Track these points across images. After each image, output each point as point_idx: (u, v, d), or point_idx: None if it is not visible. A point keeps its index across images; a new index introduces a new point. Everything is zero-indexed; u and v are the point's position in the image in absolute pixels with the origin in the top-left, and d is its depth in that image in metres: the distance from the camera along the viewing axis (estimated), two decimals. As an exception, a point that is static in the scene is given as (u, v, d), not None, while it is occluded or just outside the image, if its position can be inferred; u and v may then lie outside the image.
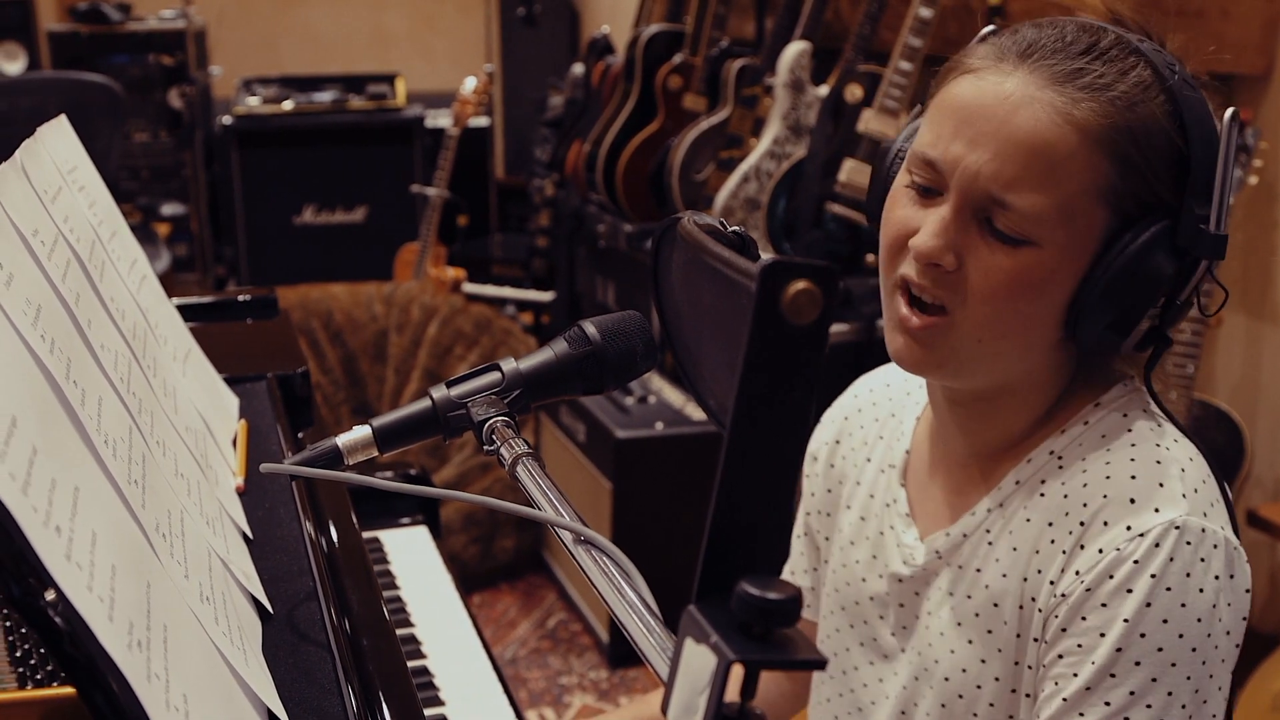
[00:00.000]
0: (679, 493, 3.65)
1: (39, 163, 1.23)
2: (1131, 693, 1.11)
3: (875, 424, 1.44)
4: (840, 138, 3.64)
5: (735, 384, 0.67)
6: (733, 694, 0.66)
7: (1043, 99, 1.12)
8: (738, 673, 0.65)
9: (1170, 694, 1.11)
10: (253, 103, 6.10)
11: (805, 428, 0.68)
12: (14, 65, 6.13)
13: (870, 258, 3.66)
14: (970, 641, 1.25)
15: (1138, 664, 1.11)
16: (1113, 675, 1.12)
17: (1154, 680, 1.11)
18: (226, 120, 6.02)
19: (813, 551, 1.53)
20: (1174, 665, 1.11)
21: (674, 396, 3.90)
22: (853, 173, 3.57)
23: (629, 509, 3.63)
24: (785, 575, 1.56)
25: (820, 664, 0.65)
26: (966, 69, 1.17)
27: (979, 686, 1.25)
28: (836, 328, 3.49)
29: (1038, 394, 1.24)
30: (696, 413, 3.77)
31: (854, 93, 3.64)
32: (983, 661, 1.24)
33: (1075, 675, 1.13)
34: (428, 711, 1.58)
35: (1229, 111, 1.12)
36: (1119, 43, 1.16)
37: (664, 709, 0.69)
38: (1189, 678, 1.11)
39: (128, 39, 6.29)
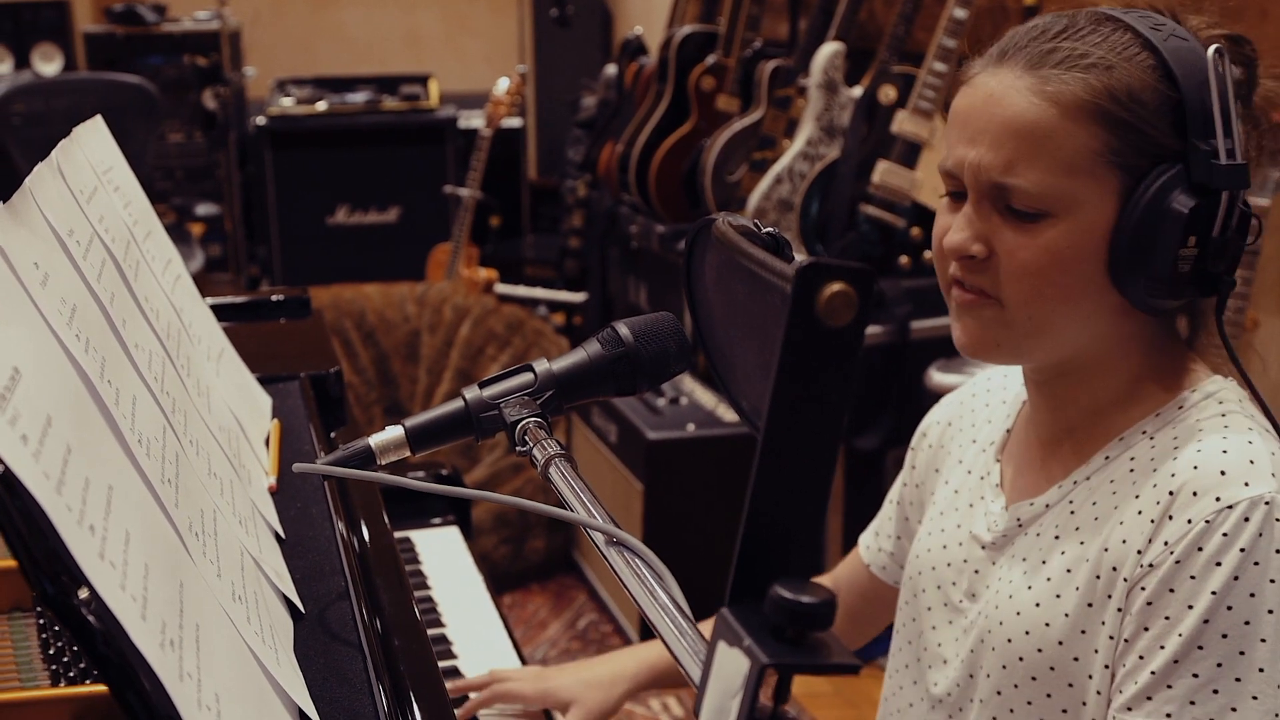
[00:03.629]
0: (710, 494, 3.65)
1: (74, 163, 1.23)
2: (1219, 664, 1.12)
3: (986, 409, 1.48)
4: (874, 139, 3.63)
5: (770, 386, 0.66)
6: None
7: (1020, 85, 1.20)
8: (771, 676, 0.65)
9: (1262, 669, 1.11)
10: (286, 103, 6.12)
11: (839, 429, 0.68)
12: (51, 66, 6.18)
13: (904, 259, 3.64)
14: (1038, 605, 1.26)
15: (1225, 636, 1.12)
16: (1200, 648, 1.12)
17: (1241, 653, 1.11)
18: (260, 121, 6.04)
19: (900, 521, 1.57)
20: (1264, 640, 1.11)
21: (706, 398, 3.89)
22: (886, 174, 3.56)
23: (660, 510, 3.62)
24: (870, 534, 1.60)
25: (854, 668, 0.65)
26: (961, 82, 1.27)
27: (1040, 650, 1.26)
28: (869, 329, 3.48)
29: (1117, 364, 1.27)
30: (728, 414, 3.76)
31: (888, 94, 3.63)
32: (1047, 625, 1.25)
33: (1163, 647, 1.14)
34: (459, 712, 1.58)
35: (1211, 49, 1.17)
36: (1096, 18, 1.23)
37: (696, 712, 0.69)
38: (1277, 652, 1.11)
39: (163, 40, 6.33)
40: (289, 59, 6.98)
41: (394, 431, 1.20)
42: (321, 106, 6.11)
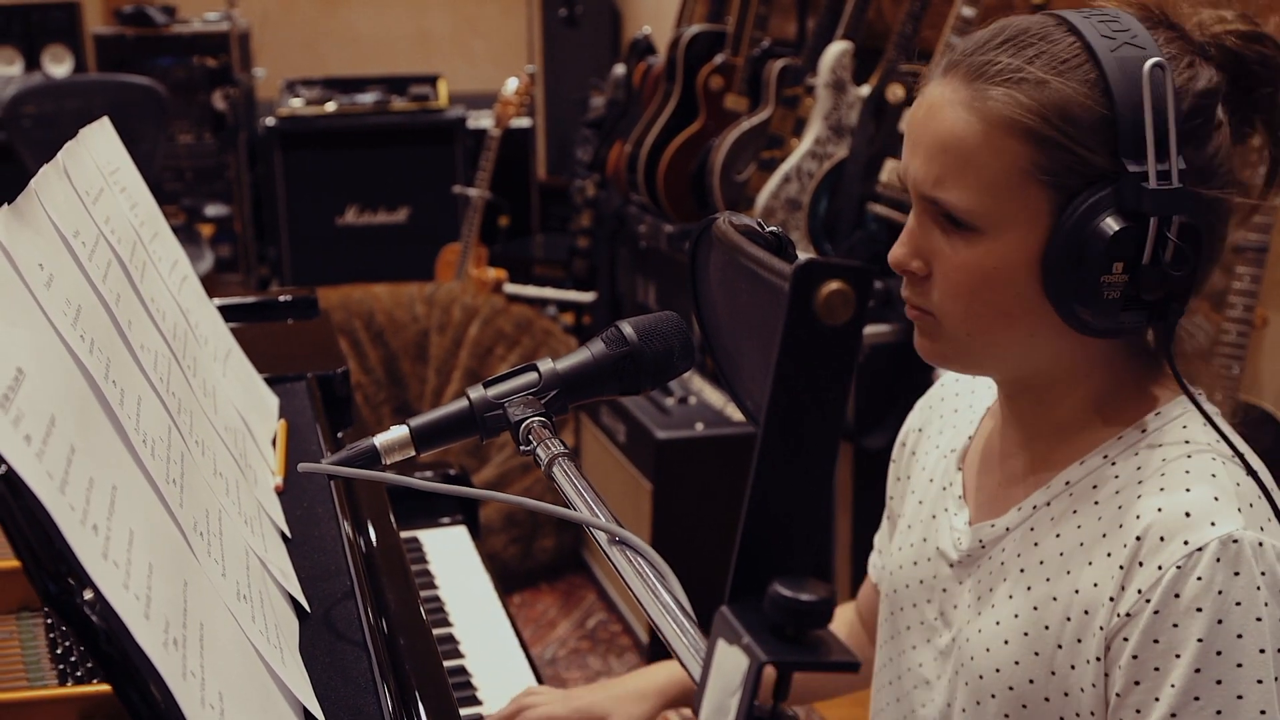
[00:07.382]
0: (719, 494, 3.64)
1: (81, 164, 1.23)
2: (1218, 712, 1.09)
3: (953, 414, 1.45)
4: (882, 138, 3.63)
5: (769, 384, 0.67)
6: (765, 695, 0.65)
7: (955, 99, 1.17)
8: (770, 674, 0.65)
9: (1264, 712, 1.08)
10: (296, 104, 6.13)
11: (838, 428, 0.68)
12: (61, 68, 6.19)
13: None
14: (1006, 642, 1.24)
15: (1219, 683, 1.09)
16: (1196, 699, 1.09)
17: (1239, 698, 1.08)
18: (270, 122, 6.05)
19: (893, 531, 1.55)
20: (1259, 682, 1.08)
21: (714, 397, 3.89)
22: (894, 173, 3.55)
23: (669, 510, 3.62)
24: (875, 553, 1.57)
25: (854, 666, 0.65)
26: (920, 90, 1.24)
27: (1011, 688, 1.23)
28: (877, 329, 3.48)
29: (1079, 382, 1.24)
30: (737, 414, 3.76)
31: (896, 93, 3.62)
32: (1016, 663, 1.23)
33: (1157, 700, 1.11)
34: (465, 711, 1.58)
35: (1148, 63, 1.11)
36: (1050, 23, 1.18)
37: (696, 710, 0.69)
38: (1273, 691, 1.09)
39: (172, 41, 6.34)
40: (298, 60, 6.99)
41: (399, 431, 1.21)
42: (331, 107, 6.12)
